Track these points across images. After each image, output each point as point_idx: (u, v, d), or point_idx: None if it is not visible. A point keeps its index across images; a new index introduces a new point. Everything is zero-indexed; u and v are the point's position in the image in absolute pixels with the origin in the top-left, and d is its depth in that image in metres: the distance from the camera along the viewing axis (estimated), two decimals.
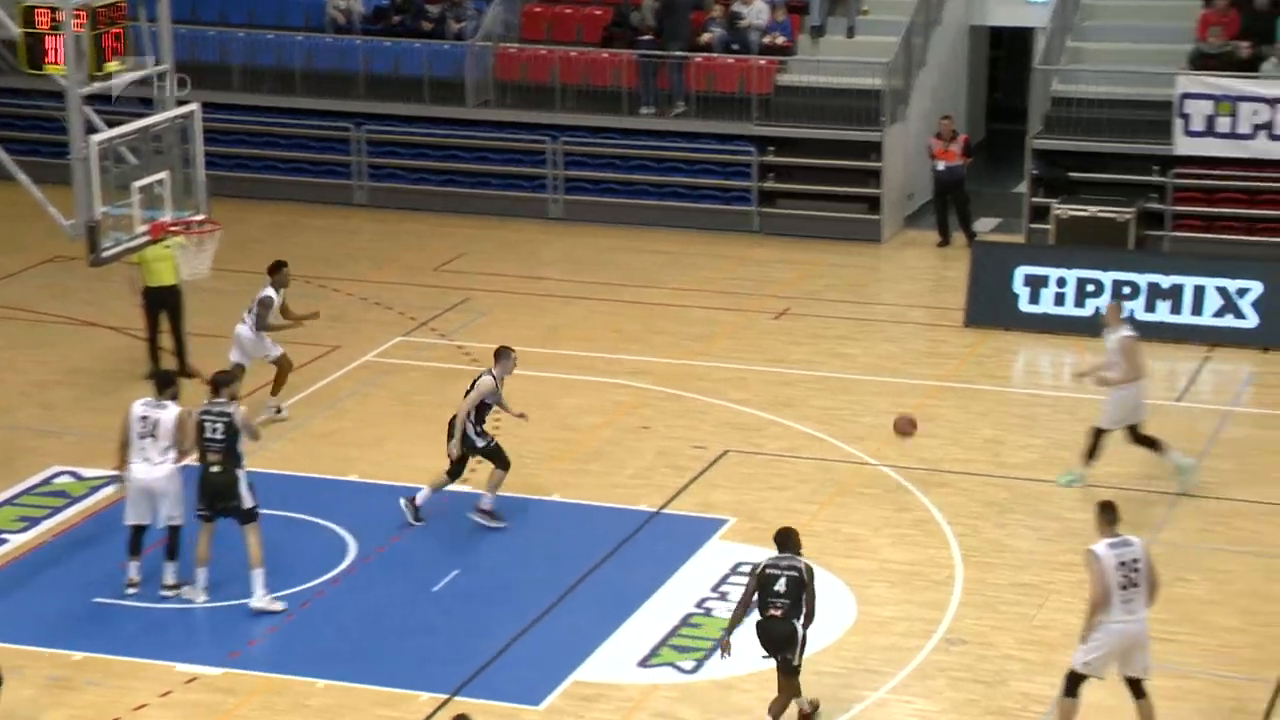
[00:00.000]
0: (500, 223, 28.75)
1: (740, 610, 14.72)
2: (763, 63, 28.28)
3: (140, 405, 16.95)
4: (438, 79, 29.41)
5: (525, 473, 19.44)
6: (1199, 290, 23.56)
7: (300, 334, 21.77)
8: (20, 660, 15.76)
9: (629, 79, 28.69)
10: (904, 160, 28.19)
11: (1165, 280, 23.67)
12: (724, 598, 16.91)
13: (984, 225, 27.92)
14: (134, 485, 16.93)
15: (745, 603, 14.65)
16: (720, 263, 26.85)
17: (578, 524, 18.55)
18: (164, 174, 19.33)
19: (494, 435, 18.45)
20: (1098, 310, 23.39)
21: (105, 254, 18.91)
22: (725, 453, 20.12)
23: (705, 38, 28.71)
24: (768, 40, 28.60)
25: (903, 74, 28.09)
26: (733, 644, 14.68)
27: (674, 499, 19.00)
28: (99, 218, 18.61)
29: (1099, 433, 19.06)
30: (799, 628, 14.40)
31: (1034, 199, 27.10)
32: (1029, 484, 19.27)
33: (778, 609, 14.38)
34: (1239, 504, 18.89)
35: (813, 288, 25.74)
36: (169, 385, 17.16)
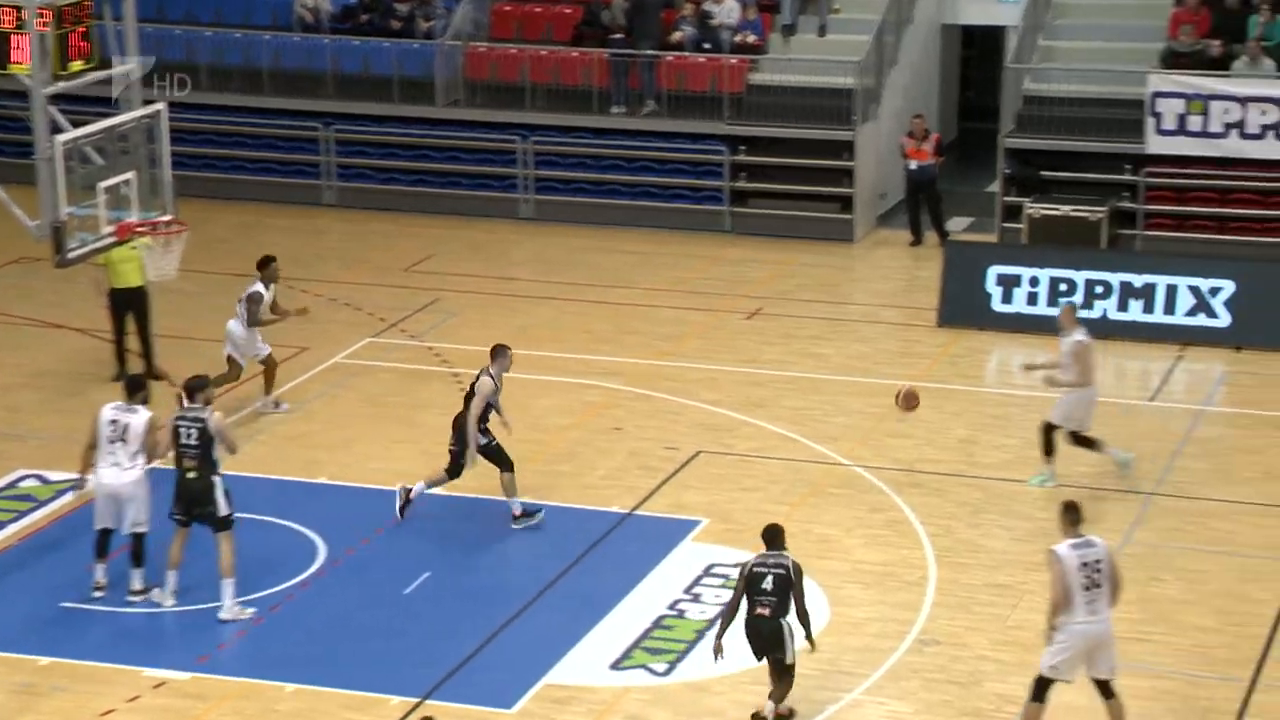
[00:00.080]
0: (470, 223, 28.67)
1: (730, 611, 14.71)
2: (734, 61, 28.23)
3: (110, 409, 16.83)
4: (407, 78, 29.29)
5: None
6: (1171, 289, 23.55)
7: (268, 334, 21.59)
8: None
9: (600, 78, 28.61)
10: (876, 159, 28.13)
11: (1138, 279, 23.66)
12: (697, 599, 16.87)
13: (956, 224, 27.89)
14: (101, 490, 16.81)
15: (735, 604, 14.66)
16: (692, 263, 26.80)
17: (549, 526, 18.47)
18: (130, 174, 19.27)
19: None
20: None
21: (71, 255, 18.83)
22: (697, 453, 20.08)
23: (676, 36, 28.64)
24: (739, 39, 28.54)
25: (875, 73, 28.04)
26: (724, 646, 14.66)
27: (646, 500, 18.97)
28: (64, 218, 18.55)
29: (1050, 428, 19.07)
30: (786, 625, 14.45)
31: (1006, 198, 27.10)
32: (1002, 484, 19.24)
33: (765, 607, 14.46)
34: (1212, 504, 18.89)
35: (785, 287, 25.70)
36: (139, 389, 17.03)
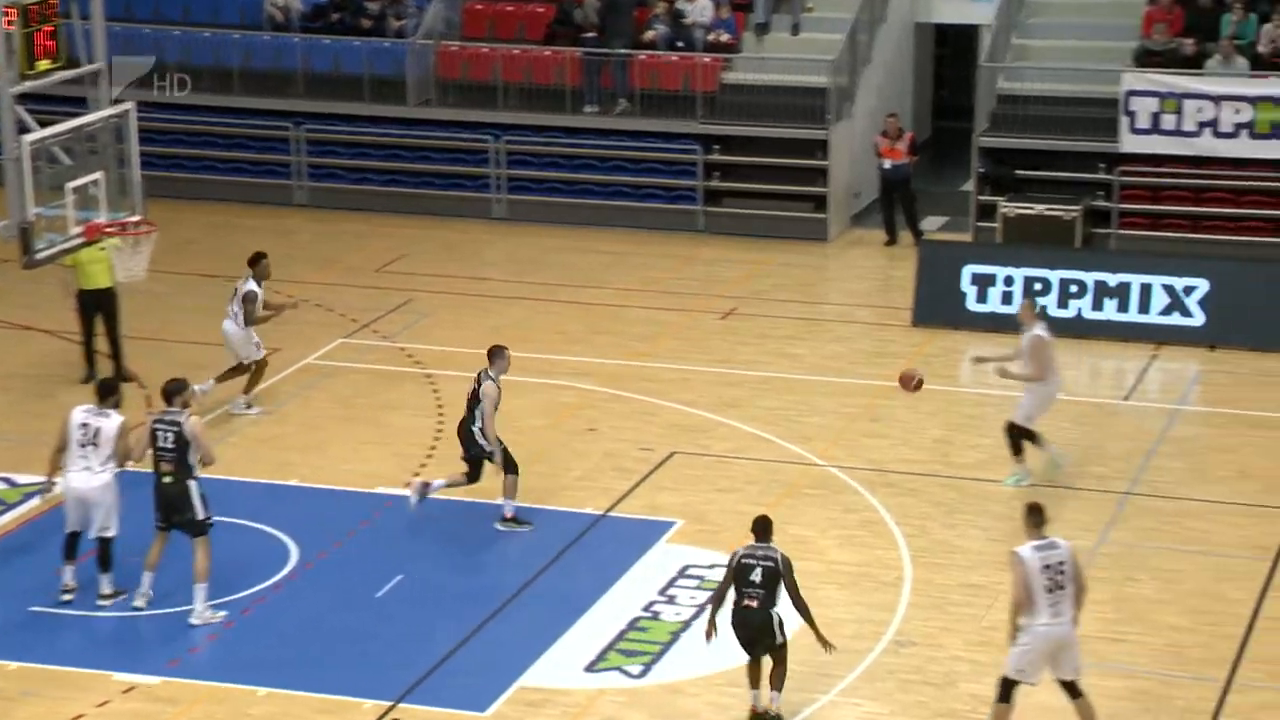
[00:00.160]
0: (443, 223, 28.59)
1: (719, 597, 14.77)
2: (707, 60, 28.16)
3: (81, 412, 16.71)
4: (378, 77, 29.18)
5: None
6: (1146, 289, 23.53)
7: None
8: None
9: (572, 77, 28.53)
10: (850, 159, 28.08)
11: (1112, 279, 23.63)
12: (672, 601, 16.82)
13: (931, 224, 27.87)
14: (70, 494, 16.70)
15: (723, 591, 14.71)
16: (665, 262, 26.74)
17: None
18: (99, 174, 19.18)
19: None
20: (1043, 309, 23.51)
21: (39, 256, 18.74)
22: (672, 454, 20.02)
23: (649, 35, 28.56)
24: (712, 38, 28.47)
25: (848, 71, 28.00)
26: (718, 624, 14.68)
27: (620, 501, 18.91)
28: (32, 219, 18.44)
29: (1014, 427, 19.03)
30: (775, 615, 14.49)
31: (981, 197, 27.07)
32: (978, 484, 19.21)
33: (753, 599, 14.49)
34: (1187, 503, 18.87)
35: (759, 287, 25.65)
36: (111, 394, 16.92)
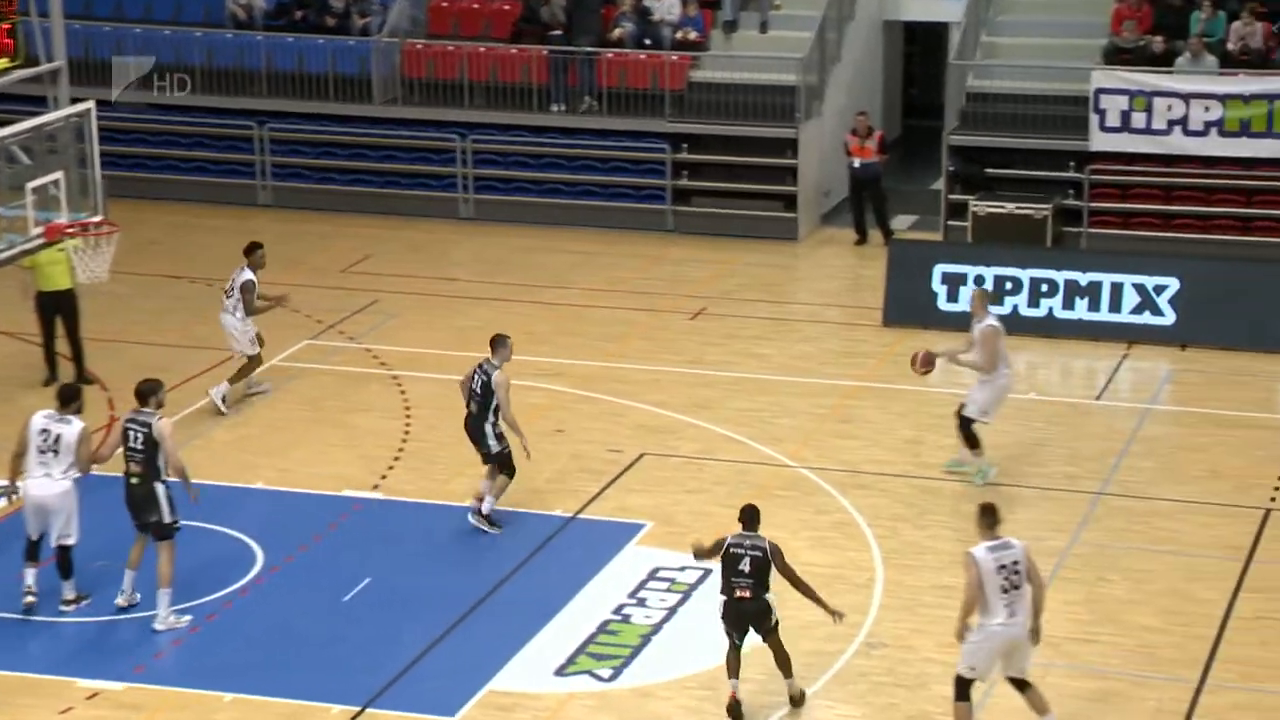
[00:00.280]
0: (409, 223, 28.47)
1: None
2: (675, 58, 28.06)
3: (41, 418, 16.55)
4: (342, 76, 29.02)
5: (438, 478, 19.42)
6: (1116, 287, 23.48)
7: (204, 338, 21.49)
8: None
9: (539, 75, 28.38)
10: (819, 157, 28.00)
11: (1083, 277, 23.59)
12: (642, 604, 16.75)
13: (901, 223, 27.81)
14: (30, 501, 16.55)
15: (709, 553, 15.01)
16: (634, 262, 26.65)
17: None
18: (59, 174, 19.11)
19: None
20: (1015, 308, 23.53)
21: None
22: (641, 456, 19.94)
23: (616, 33, 28.44)
24: (680, 36, 28.37)
25: (817, 70, 27.91)
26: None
27: (590, 504, 18.83)
28: None
29: (968, 421, 19.00)
30: (769, 601, 14.67)
31: (951, 196, 27.01)
32: (949, 485, 19.15)
33: (745, 589, 14.65)
34: (1159, 503, 18.84)
35: (728, 287, 25.58)
36: (73, 400, 16.74)
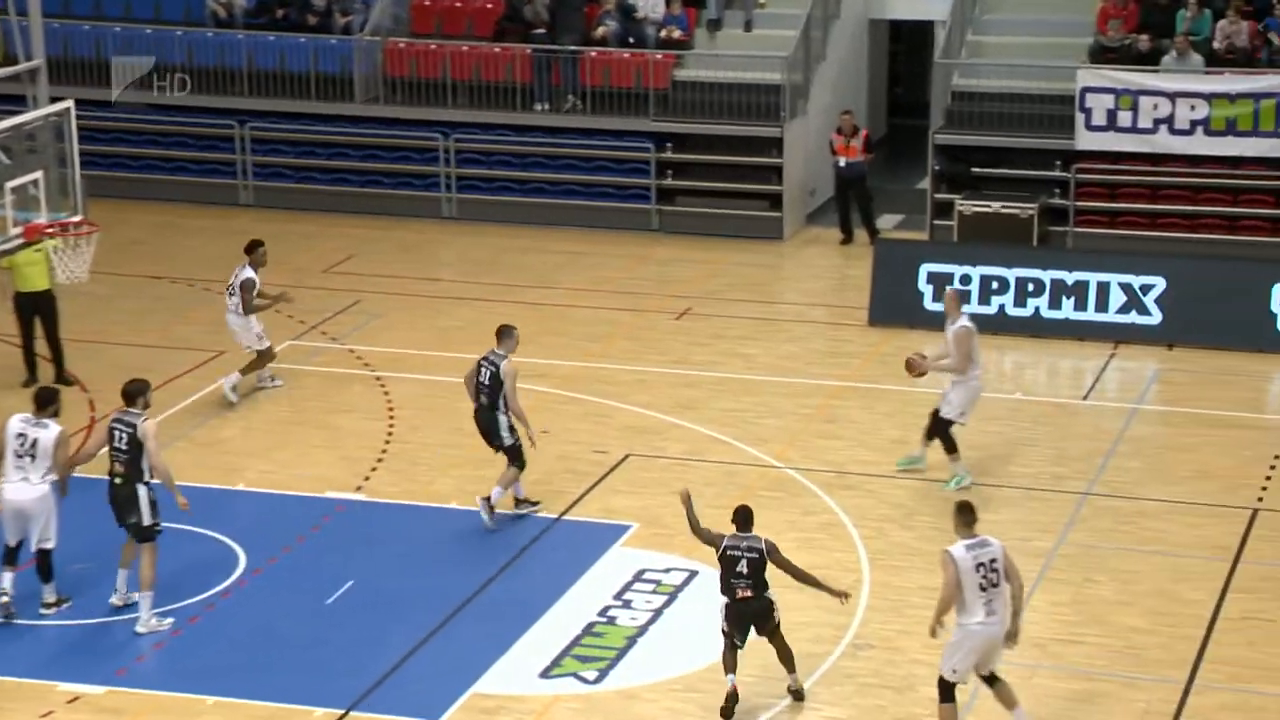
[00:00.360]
0: (392, 223, 28.41)
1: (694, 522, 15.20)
2: (659, 57, 28.00)
3: (18, 421, 16.46)
4: (324, 75, 28.93)
5: (422, 480, 19.36)
6: (1103, 287, 23.44)
7: (185, 339, 21.41)
8: None
9: (522, 74, 28.28)
10: (805, 156, 27.94)
11: (1069, 277, 23.55)
12: (627, 605, 16.69)
13: (887, 222, 27.78)
14: (8, 506, 16.46)
15: (700, 527, 15.14)
16: (619, 262, 26.60)
17: (476, 532, 18.24)
18: (38, 174, 19.08)
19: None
20: (1001, 308, 23.57)
21: None
22: (627, 457, 19.88)
23: (600, 32, 28.36)
24: (664, 34, 28.31)
25: (802, 68, 27.86)
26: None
27: (575, 505, 18.78)
28: None
29: (946, 424, 18.96)
30: (770, 599, 14.77)
31: (937, 195, 26.96)
32: (936, 485, 19.09)
33: (746, 590, 14.75)
34: (1146, 503, 18.81)
35: (714, 287, 25.54)
36: (50, 403, 16.63)
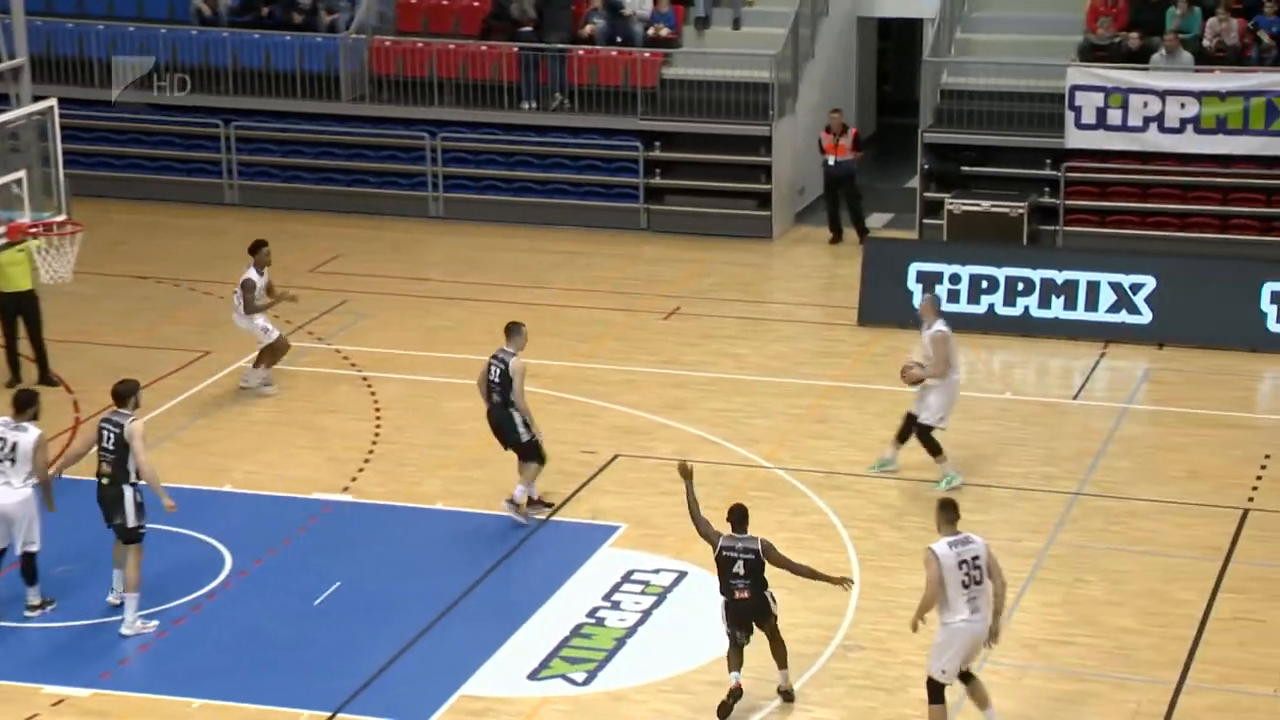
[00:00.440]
0: (378, 222, 28.33)
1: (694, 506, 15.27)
2: (647, 55, 27.91)
3: None
4: (310, 73, 28.82)
5: (409, 481, 19.32)
6: (1093, 286, 23.40)
7: (170, 339, 21.32)
8: None
9: (509, 72, 28.19)
10: (794, 155, 27.87)
11: (1059, 276, 23.50)
12: (616, 607, 16.65)
13: (876, 221, 27.75)
14: None
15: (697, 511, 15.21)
16: (607, 261, 26.54)
17: (463, 533, 18.24)
18: (21, 173, 19.05)
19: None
20: (991, 307, 23.53)
21: None
22: (615, 457, 19.82)
23: (587, 29, 28.29)
24: (651, 32, 28.24)
25: (790, 66, 27.79)
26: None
27: (563, 506, 18.72)
28: None
29: (925, 430, 18.95)
30: (768, 596, 14.83)
31: (926, 194, 26.89)
32: (926, 485, 19.03)
33: (743, 590, 14.80)
34: (1136, 503, 18.78)
35: (702, 286, 25.49)
36: (29, 406, 16.55)
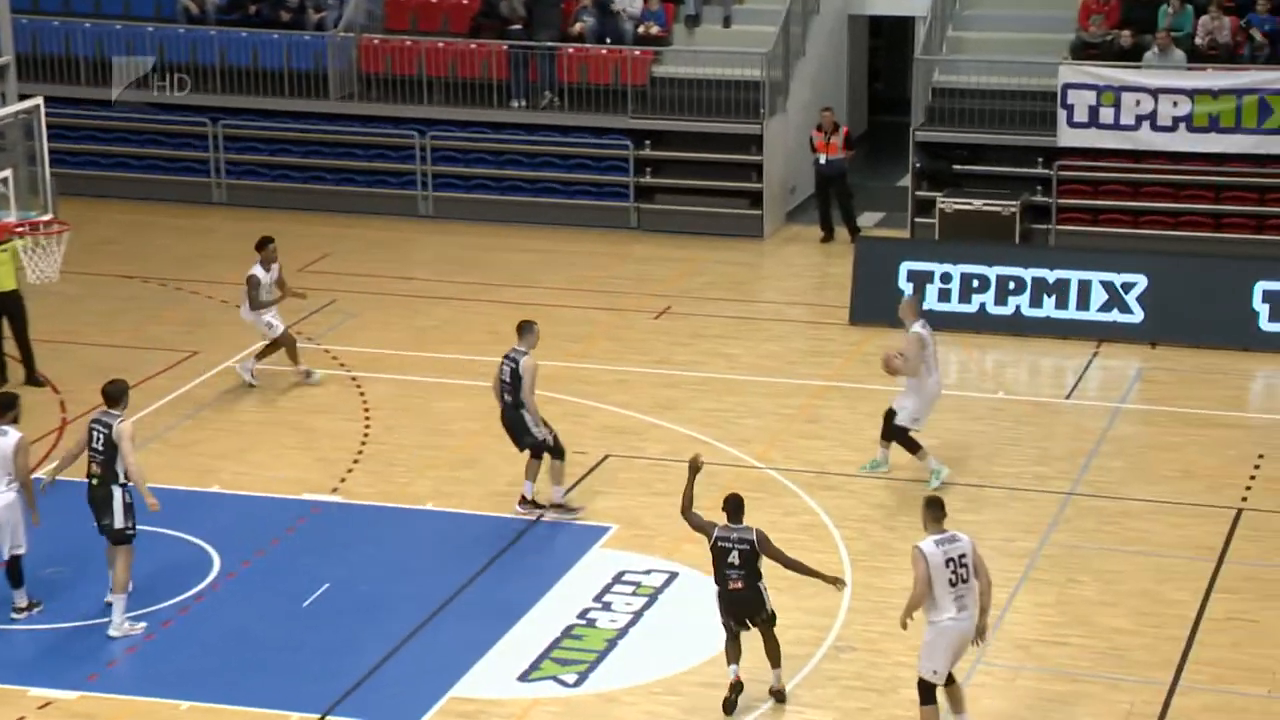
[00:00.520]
0: (367, 221, 28.27)
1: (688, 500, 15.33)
2: (637, 53, 27.87)
3: None
4: (298, 71, 28.75)
5: (398, 481, 19.27)
6: (1084, 285, 23.34)
7: (158, 339, 21.20)
8: None
9: (499, 71, 28.11)
10: (785, 153, 27.81)
11: (1050, 275, 23.45)
12: (607, 608, 16.62)
13: (868, 220, 27.71)
14: None
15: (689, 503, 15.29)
16: (597, 260, 26.49)
17: (454, 534, 18.19)
18: (7, 172, 19.10)
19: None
20: (982, 306, 23.51)
21: None
22: (606, 457, 19.76)
23: (577, 27, 28.21)
24: (642, 30, 28.17)
25: (782, 65, 27.73)
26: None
27: (552, 508, 18.53)
28: None
29: (902, 431, 18.94)
30: (761, 588, 14.87)
31: (918, 192, 26.83)
32: (918, 485, 18.97)
33: (737, 581, 14.85)
34: (1129, 503, 18.74)
35: (693, 286, 25.44)
36: (9, 409, 16.46)
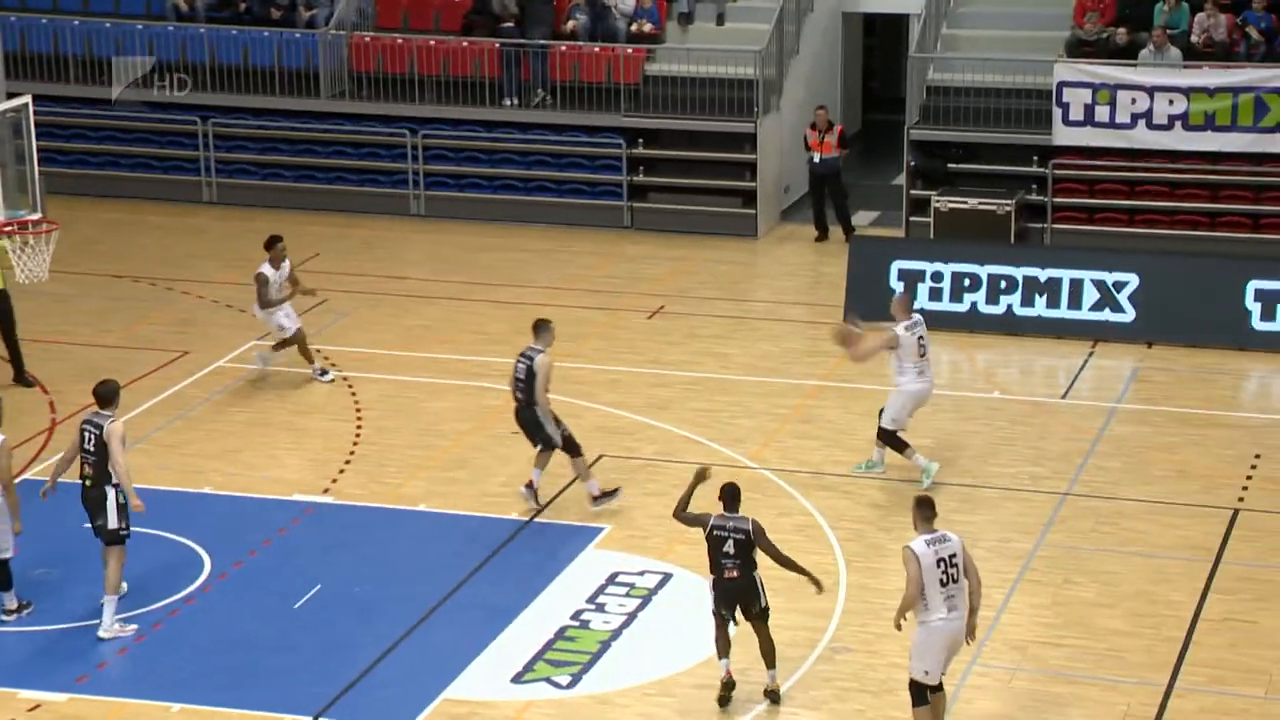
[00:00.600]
0: (358, 220, 28.25)
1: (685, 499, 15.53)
2: (630, 51, 27.80)
3: None
4: (289, 70, 28.72)
5: (390, 482, 19.26)
6: (1076, 284, 23.30)
7: (147, 339, 21.08)
8: None
9: (491, 69, 28.03)
10: (779, 152, 27.77)
11: (1042, 274, 23.39)
12: (601, 609, 16.60)
13: (863, 219, 27.71)
14: None
15: (686, 499, 15.50)
16: (590, 260, 26.46)
17: (446, 535, 18.15)
18: None
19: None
20: (974, 305, 23.51)
21: None
22: (600, 458, 19.69)
23: (570, 25, 28.15)
24: (635, 28, 28.12)
25: (775, 63, 27.69)
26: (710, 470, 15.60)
27: (547, 507, 18.61)
28: None
29: (888, 432, 18.92)
30: (757, 578, 14.95)
31: (913, 191, 26.79)
32: (912, 486, 18.88)
33: (732, 570, 14.94)
34: (1125, 503, 18.72)
35: (687, 285, 25.42)
36: None
